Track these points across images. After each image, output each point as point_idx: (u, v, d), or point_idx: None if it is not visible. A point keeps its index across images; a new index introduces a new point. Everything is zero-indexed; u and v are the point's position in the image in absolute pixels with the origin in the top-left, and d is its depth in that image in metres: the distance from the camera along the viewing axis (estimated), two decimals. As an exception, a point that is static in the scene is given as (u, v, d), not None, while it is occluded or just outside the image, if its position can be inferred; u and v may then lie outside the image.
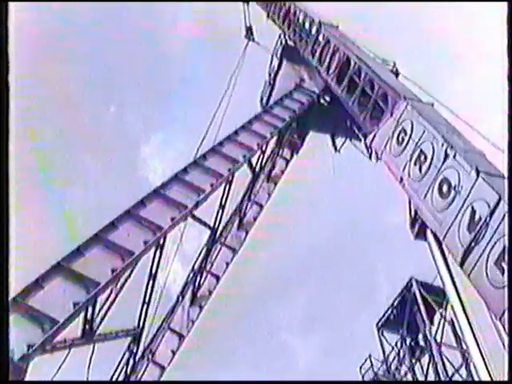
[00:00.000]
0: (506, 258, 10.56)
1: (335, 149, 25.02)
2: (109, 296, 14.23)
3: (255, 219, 23.24)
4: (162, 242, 15.13)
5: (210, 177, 17.13)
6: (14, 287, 11.25)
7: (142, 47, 55.58)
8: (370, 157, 19.47)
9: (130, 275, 14.41)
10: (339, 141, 24.80)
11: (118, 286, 14.30)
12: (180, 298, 20.72)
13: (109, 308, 14.28)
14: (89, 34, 53.34)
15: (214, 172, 17.31)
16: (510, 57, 6.26)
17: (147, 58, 55.19)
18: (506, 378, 7.70)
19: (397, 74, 21.21)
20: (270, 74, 27.10)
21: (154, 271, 15.83)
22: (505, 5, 6.75)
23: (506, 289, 10.07)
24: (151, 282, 16.06)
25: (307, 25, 24.21)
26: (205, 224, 18.19)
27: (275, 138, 22.46)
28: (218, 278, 21.28)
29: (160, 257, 15.51)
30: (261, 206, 23.56)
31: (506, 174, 8.80)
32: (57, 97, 51.55)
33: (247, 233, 22.63)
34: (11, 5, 6.77)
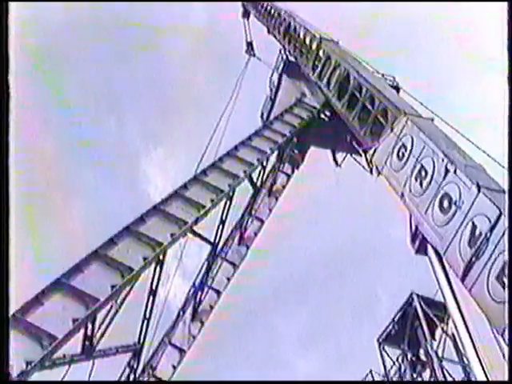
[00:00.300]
0: (507, 272, 10.55)
1: (336, 163, 25.06)
2: (109, 311, 14.22)
3: (256, 234, 23.26)
4: (161, 257, 15.14)
5: (210, 192, 17.15)
6: (13, 304, 11.24)
7: (144, 60, 55.81)
8: (371, 171, 19.47)
9: (129, 291, 14.41)
10: (340, 155, 24.87)
11: (118, 302, 14.30)
12: (181, 313, 20.70)
13: (109, 324, 14.28)
14: (90, 44, 53.65)
15: (214, 188, 17.33)
16: (510, 57, 6.27)
17: (149, 71, 55.41)
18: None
19: (397, 89, 21.29)
20: (270, 89, 27.21)
21: (154, 287, 15.81)
22: (505, 5, 6.76)
23: (507, 304, 10.05)
24: (151, 298, 16.04)
25: (308, 40, 24.27)
26: (205, 239, 18.16)
27: (276, 153, 22.50)
28: (219, 293, 21.26)
29: (160, 272, 15.50)
30: (262, 221, 23.61)
31: (506, 178, 8.74)
32: (57, 108, 51.76)
33: (248, 248, 22.65)
34: (13, 6, 6.79)
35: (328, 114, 23.16)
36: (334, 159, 25.06)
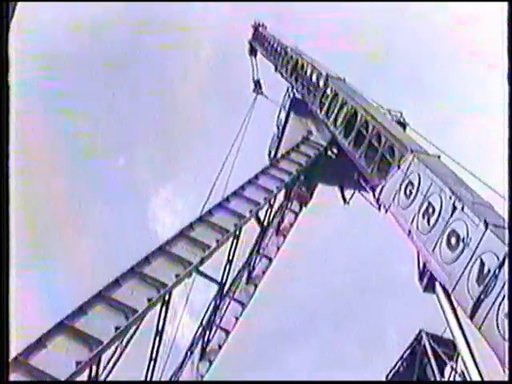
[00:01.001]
0: (507, 309, 10.53)
1: (344, 200, 25.05)
2: (114, 353, 14.16)
3: (264, 273, 23.16)
4: (167, 298, 15.08)
5: (215, 232, 17.07)
6: (16, 346, 11.24)
7: (153, 98, 56.25)
8: (380, 208, 19.50)
9: (135, 332, 14.35)
10: (348, 192, 24.87)
11: (124, 343, 14.24)
12: (189, 353, 20.57)
13: (114, 365, 14.18)
14: (99, 83, 54.17)
15: (220, 228, 17.26)
16: (510, 57, 6.31)
17: (159, 108, 55.84)
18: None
19: (404, 126, 21.42)
20: (278, 127, 27.35)
21: (160, 327, 15.64)
22: (505, 5, 6.81)
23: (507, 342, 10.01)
24: (158, 339, 15.92)
25: (315, 78, 24.47)
26: (212, 279, 18.06)
27: (283, 191, 22.53)
28: (227, 333, 21.15)
29: (166, 313, 15.40)
30: (270, 260, 23.49)
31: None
32: (66, 147, 52.15)
33: (256, 286, 22.55)
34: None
35: (335, 151, 23.20)
36: (343, 196, 25.06)
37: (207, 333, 20.57)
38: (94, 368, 12.71)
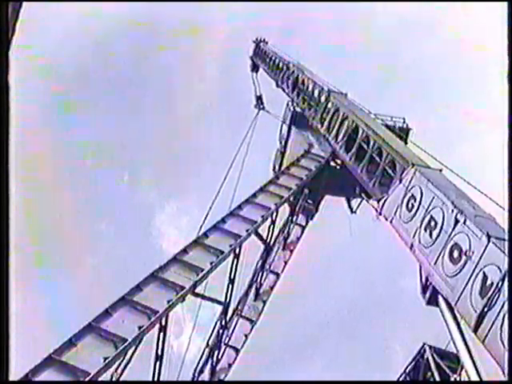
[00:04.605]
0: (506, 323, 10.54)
1: (351, 210, 24.93)
2: (110, 379, 14.14)
3: (272, 288, 23.06)
4: (164, 322, 15.06)
5: (210, 255, 17.06)
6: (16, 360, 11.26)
7: (156, 114, 56.42)
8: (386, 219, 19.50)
9: (130, 358, 14.32)
10: (355, 202, 24.71)
11: (119, 371, 14.19)
12: (197, 373, 20.46)
13: None
14: (102, 101, 54.36)
15: (214, 250, 17.24)
16: (510, 57, 6.34)
17: (162, 124, 55.98)
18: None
19: (407, 130, 21.63)
20: (280, 142, 27.38)
21: (160, 352, 15.57)
22: (505, 5, 6.84)
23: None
24: (158, 363, 15.73)
25: (316, 93, 24.56)
26: (213, 300, 18.13)
27: (289, 206, 22.51)
28: (237, 351, 21.06)
29: (164, 338, 15.34)
30: (277, 275, 23.42)
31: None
32: (71, 165, 52.32)
33: (265, 303, 22.48)
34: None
35: (339, 161, 23.04)
36: (349, 206, 24.96)
37: (216, 352, 20.49)
38: None
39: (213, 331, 20.34)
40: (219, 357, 20.68)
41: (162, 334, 15.24)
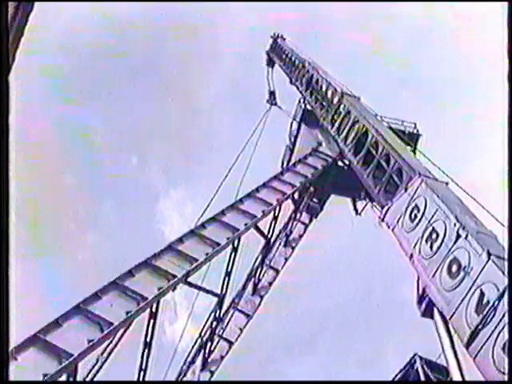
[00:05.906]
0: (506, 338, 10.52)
1: (356, 211, 24.81)
2: (95, 364, 14.16)
3: (271, 284, 22.99)
4: (155, 309, 15.08)
5: (206, 246, 17.08)
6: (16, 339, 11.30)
7: (170, 100, 56.35)
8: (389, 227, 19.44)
9: (117, 343, 14.33)
10: (361, 203, 24.60)
11: (105, 355, 14.21)
12: (188, 363, 20.42)
13: (94, 376, 14.15)
14: (117, 80, 54.35)
15: (211, 241, 17.25)
16: (510, 57, 6.32)
17: (176, 111, 55.92)
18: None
19: (418, 136, 21.61)
20: (290, 139, 27.33)
21: (148, 339, 15.61)
22: (505, 5, 6.81)
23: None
24: (146, 351, 15.75)
25: (329, 94, 24.50)
26: (208, 292, 18.10)
27: (293, 203, 22.44)
28: (230, 344, 21.04)
29: (154, 325, 15.36)
30: (277, 271, 23.32)
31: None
32: (80, 143, 52.34)
33: (262, 298, 22.43)
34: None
35: (347, 162, 22.88)
36: (355, 207, 24.85)
37: (209, 343, 20.48)
38: (71, 379, 12.66)
39: (206, 322, 20.33)
40: (212, 348, 20.64)
41: (152, 320, 15.26)
